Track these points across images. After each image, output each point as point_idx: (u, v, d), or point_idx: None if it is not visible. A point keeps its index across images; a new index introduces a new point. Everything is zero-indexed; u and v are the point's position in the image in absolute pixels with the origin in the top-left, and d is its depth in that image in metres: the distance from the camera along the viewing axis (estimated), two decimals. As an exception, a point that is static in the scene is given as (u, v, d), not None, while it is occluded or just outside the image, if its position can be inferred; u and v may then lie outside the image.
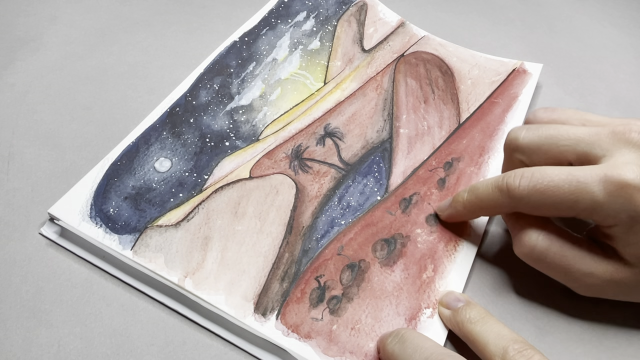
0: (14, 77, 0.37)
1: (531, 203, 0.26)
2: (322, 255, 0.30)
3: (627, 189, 0.24)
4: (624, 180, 0.24)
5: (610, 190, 0.24)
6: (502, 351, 0.24)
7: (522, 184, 0.26)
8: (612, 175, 0.24)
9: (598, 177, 0.25)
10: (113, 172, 0.32)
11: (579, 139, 0.27)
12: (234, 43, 0.40)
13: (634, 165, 0.24)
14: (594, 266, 0.26)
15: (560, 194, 0.25)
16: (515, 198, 0.27)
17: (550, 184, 0.25)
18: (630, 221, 0.25)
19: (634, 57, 0.43)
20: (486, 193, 0.28)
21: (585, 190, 0.25)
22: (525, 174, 0.26)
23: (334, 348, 0.27)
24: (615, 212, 0.25)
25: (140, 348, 0.27)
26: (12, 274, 0.29)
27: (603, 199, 0.24)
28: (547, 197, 0.26)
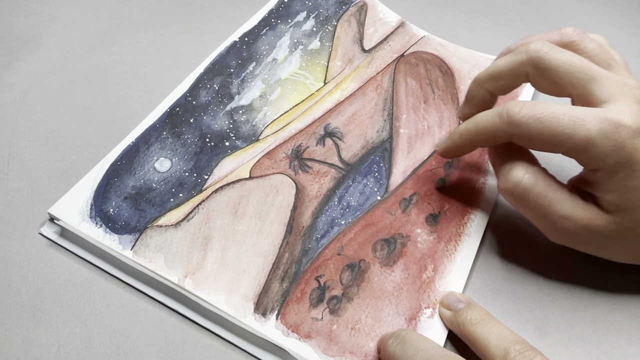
0: (14, 77, 0.37)
1: (528, 131, 0.26)
2: (322, 255, 0.30)
3: (621, 131, 0.25)
4: (620, 122, 0.25)
5: (605, 130, 0.25)
6: (503, 352, 0.24)
7: (522, 111, 0.26)
8: (611, 117, 0.25)
9: (597, 116, 0.25)
10: (113, 172, 0.32)
11: (595, 77, 0.27)
12: (234, 43, 0.40)
13: (634, 113, 0.25)
14: (573, 209, 0.27)
15: (558, 125, 0.26)
16: (513, 124, 0.27)
17: (550, 115, 0.26)
18: (616, 166, 0.25)
19: (634, 57, 0.43)
20: (485, 119, 0.28)
21: (582, 125, 0.25)
22: (528, 104, 0.27)
23: (334, 348, 0.27)
24: (604, 154, 0.25)
25: (140, 348, 0.27)
26: (12, 274, 0.29)
27: (597, 137, 0.25)
28: (545, 126, 0.26)
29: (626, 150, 0.25)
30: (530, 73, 0.29)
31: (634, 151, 0.25)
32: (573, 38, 0.30)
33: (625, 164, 0.25)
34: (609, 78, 0.27)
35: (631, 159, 0.25)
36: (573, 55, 0.28)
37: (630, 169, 0.25)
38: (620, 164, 0.25)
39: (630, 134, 0.25)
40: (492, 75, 0.30)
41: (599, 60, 0.29)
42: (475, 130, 0.29)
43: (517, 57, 0.29)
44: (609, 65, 0.29)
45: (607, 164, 0.25)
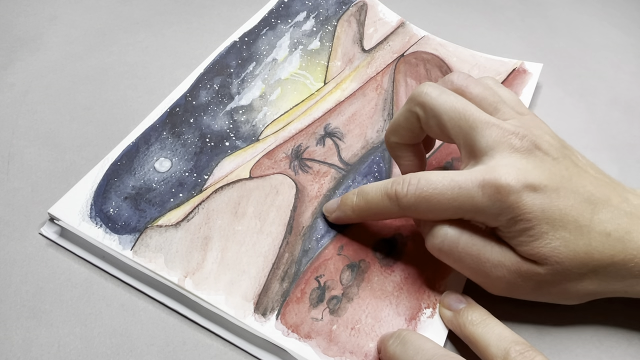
0: (14, 77, 0.37)
1: (419, 210, 0.27)
2: (322, 255, 0.30)
3: (503, 192, 0.25)
4: (499, 184, 0.25)
5: (488, 193, 0.25)
6: (503, 353, 0.24)
7: (409, 192, 0.26)
8: (489, 179, 0.25)
9: (477, 182, 0.25)
10: (113, 172, 0.32)
11: (475, 125, 0.27)
12: (234, 43, 0.40)
13: (510, 168, 0.25)
14: (502, 256, 0.26)
15: (444, 200, 0.26)
16: (403, 206, 0.27)
17: (434, 192, 0.26)
18: (511, 222, 0.25)
19: (634, 57, 0.43)
20: (376, 199, 0.28)
21: (466, 195, 0.25)
22: (412, 181, 0.27)
23: (334, 348, 0.27)
24: (495, 215, 0.25)
25: (140, 348, 0.27)
26: (12, 274, 0.29)
27: (483, 202, 0.25)
28: (433, 204, 0.26)
29: (512, 208, 0.25)
30: (420, 117, 0.29)
31: (521, 206, 0.25)
32: (458, 84, 0.29)
33: (517, 219, 0.25)
34: (490, 126, 0.26)
35: (520, 214, 0.25)
36: (457, 101, 0.27)
37: (525, 220, 0.25)
38: (512, 220, 0.25)
39: (511, 191, 0.25)
40: (391, 127, 0.30)
41: (485, 104, 0.28)
42: (368, 208, 0.29)
43: (408, 104, 0.29)
44: (495, 108, 0.28)
45: (502, 222, 0.25)
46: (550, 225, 0.25)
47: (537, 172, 0.25)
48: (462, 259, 0.27)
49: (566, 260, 0.25)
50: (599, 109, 0.39)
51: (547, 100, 0.39)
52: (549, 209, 0.25)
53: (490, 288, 0.28)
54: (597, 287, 0.27)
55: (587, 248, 0.25)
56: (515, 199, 0.25)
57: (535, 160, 0.26)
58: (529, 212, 0.25)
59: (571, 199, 0.25)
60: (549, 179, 0.25)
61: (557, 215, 0.25)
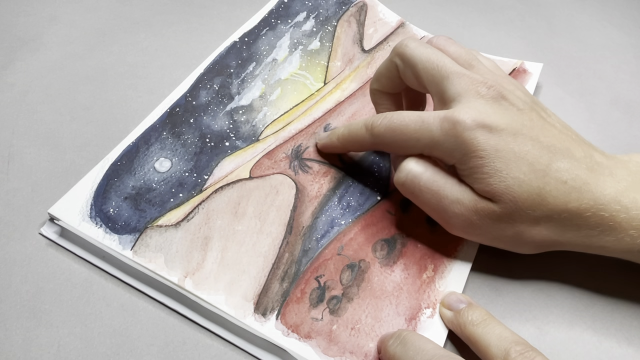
0: (14, 77, 0.37)
1: (385, 140, 0.29)
2: (322, 255, 0.30)
3: (458, 128, 0.27)
4: (457, 120, 0.27)
5: (445, 128, 0.27)
6: (504, 353, 0.24)
7: (381, 123, 0.29)
8: (449, 116, 0.27)
9: (439, 118, 0.27)
10: (113, 172, 0.32)
11: (446, 74, 0.29)
12: (234, 43, 0.40)
13: (471, 109, 0.27)
14: (461, 193, 0.28)
15: (408, 132, 0.28)
16: (374, 135, 0.30)
17: (401, 124, 0.28)
18: (465, 159, 0.27)
19: (634, 57, 0.43)
20: (356, 129, 0.31)
21: (427, 129, 0.28)
22: (387, 116, 0.29)
23: (334, 348, 0.27)
24: (451, 150, 0.27)
25: (140, 348, 0.27)
26: (12, 274, 0.29)
27: (439, 136, 0.27)
28: (398, 134, 0.29)
29: (466, 143, 0.26)
30: (399, 66, 0.30)
31: (475, 142, 0.26)
32: (438, 43, 0.31)
33: (471, 154, 0.27)
34: (461, 76, 0.28)
35: (474, 150, 0.26)
36: (433, 53, 0.29)
37: (478, 157, 0.26)
38: (466, 156, 0.27)
39: (466, 127, 0.26)
40: (374, 76, 0.33)
41: (461, 60, 0.30)
42: (348, 136, 0.32)
43: (390, 55, 0.31)
44: (470, 64, 0.30)
45: (457, 158, 0.27)
46: (504, 164, 0.26)
47: (496, 117, 0.27)
48: (423, 194, 0.29)
49: (519, 200, 0.26)
50: (599, 109, 0.39)
51: (547, 100, 0.40)
52: (503, 149, 0.26)
53: (449, 226, 0.29)
54: (551, 234, 0.27)
55: (541, 191, 0.26)
56: (469, 135, 0.26)
57: (499, 107, 0.28)
58: (482, 150, 0.26)
59: (528, 145, 0.27)
60: (507, 124, 0.27)
61: (512, 157, 0.26)
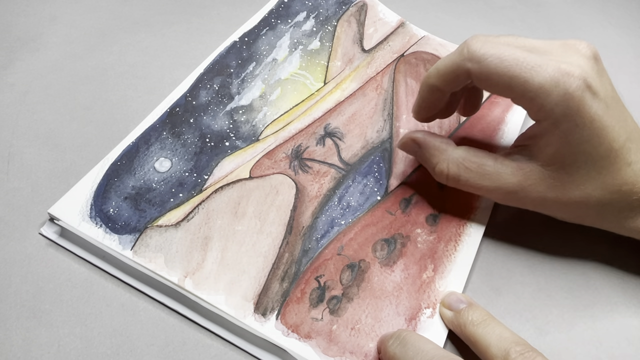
0: (14, 77, 0.37)
1: (487, 69, 0.27)
2: (322, 255, 0.30)
3: (572, 82, 0.26)
4: (570, 73, 0.26)
5: (557, 79, 0.26)
6: (504, 353, 0.24)
7: (484, 48, 0.27)
8: (564, 67, 0.26)
9: (553, 65, 0.26)
10: (113, 172, 0.32)
11: (535, 46, 0.28)
12: (234, 43, 0.40)
13: (582, 67, 0.26)
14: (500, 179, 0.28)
15: (517, 67, 0.26)
16: (474, 59, 0.27)
17: (511, 56, 0.27)
18: (561, 118, 0.26)
19: (634, 57, 0.43)
20: (446, 59, 0.29)
21: (539, 71, 0.26)
22: (490, 41, 0.27)
23: (334, 348, 0.27)
24: (553, 104, 0.26)
25: (140, 348, 0.27)
26: (12, 274, 0.29)
27: (549, 85, 0.26)
28: (504, 66, 0.27)
29: (573, 101, 0.26)
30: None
31: (580, 103, 0.26)
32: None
33: (570, 116, 0.26)
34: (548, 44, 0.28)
35: (576, 111, 0.26)
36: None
37: (574, 123, 0.26)
38: (565, 116, 0.26)
39: (579, 86, 0.26)
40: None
41: None
42: (437, 72, 0.29)
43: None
44: None
45: (554, 114, 0.26)
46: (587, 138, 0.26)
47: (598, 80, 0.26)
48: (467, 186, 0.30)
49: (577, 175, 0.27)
50: (599, 109, 0.39)
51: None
52: (596, 120, 0.26)
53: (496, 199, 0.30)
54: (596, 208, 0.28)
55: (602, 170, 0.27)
56: (579, 94, 0.26)
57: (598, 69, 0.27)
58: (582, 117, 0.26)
59: (614, 121, 0.26)
60: (605, 92, 0.27)
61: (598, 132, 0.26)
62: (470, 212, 0.32)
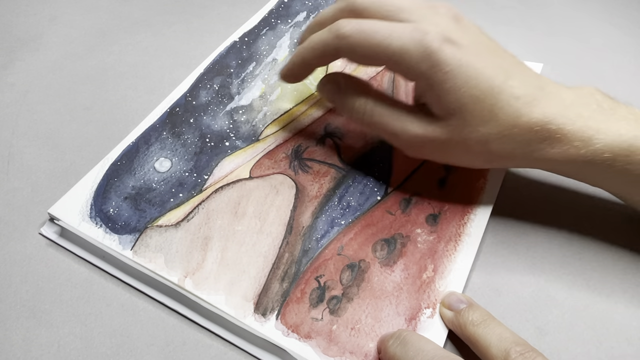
0: (14, 77, 0.37)
1: (352, 43, 0.28)
2: (322, 255, 0.30)
3: (428, 37, 0.27)
4: (427, 30, 0.27)
5: (415, 37, 0.27)
6: (504, 353, 0.24)
7: (349, 25, 0.29)
8: (421, 27, 0.28)
9: (410, 28, 0.28)
10: (113, 172, 0.32)
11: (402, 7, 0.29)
12: (234, 43, 0.40)
13: (438, 25, 0.28)
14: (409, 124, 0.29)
15: (377, 36, 0.28)
16: (340, 37, 0.29)
17: (371, 27, 0.28)
18: (429, 71, 0.27)
19: (634, 57, 0.43)
20: (318, 35, 0.30)
21: (397, 36, 0.28)
22: (354, 20, 0.29)
23: (334, 348, 0.27)
24: (417, 61, 0.27)
25: (140, 348, 0.27)
26: (12, 274, 0.29)
27: (409, 44, 0.27)
28: (366, 38, 0.28)
29: (434, 54, 0.27)
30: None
31: (442, 54, 0.27)
32: None
33: (436, 67, 0.27)
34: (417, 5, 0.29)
35: (440, 61, 0.27)
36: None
37: (442, 72, 0.27)
38: (432, 68, 0.27)
39: (436, 38, 0.27)
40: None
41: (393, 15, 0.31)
42: (309, 46, 0.30)
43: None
44: None
45: (421, 71, 0.27)
46: (464, 80, 0.27)
47: (459, 33, 0.28)
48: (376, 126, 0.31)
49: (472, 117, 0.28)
50: (599, 109, 0.39)
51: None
52: (466, 64, 0.27)
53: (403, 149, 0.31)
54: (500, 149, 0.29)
55: (493, 107, 0.27)
56: (438, 46, 0.27)
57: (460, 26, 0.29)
58: (447, 64, 0.27)
59: (489, 62, 0.28)
60: (470, 41, 0.28)
61: (472, 73, 0.27)
62: (470, 212, 0.32)
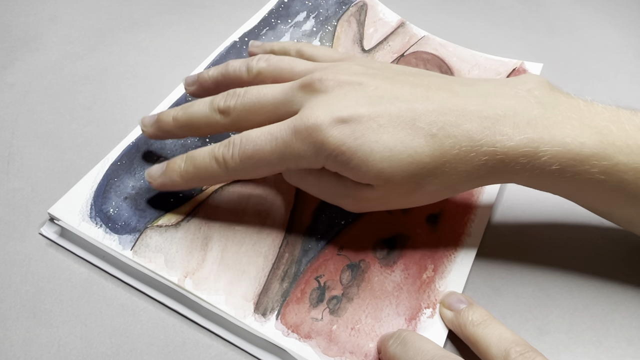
0: (14, 77, 0.37)
1: (246, 169, 0.28)
2: (322, 255, 0.30)
3: (313, 133, 0.25)
4: (306, 125, 0.26)
5: (301, 138, 0.26)
6: (504, 353, 0.24)
7: (234, 153, 0.27)
8: (299, 124, 0.26)
9: (290, 130, 0.26)
10: (113, 172, 0.32)
11: (277, 101, 0.28)
12: (234, 43, 0.40)
13: (315, 109, 0.26)
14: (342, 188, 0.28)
15: (266, 153, 0.27)
16: (230, 168, 0.28)
17: (256, 147, 0.27)
18: (329, 159, 0.26)
19: (634, 57, 0.43)
20: (204, 164, 0.28)
21: (284, 145, 0.26)
22: (236, 142, 0.27)
23: (334, 348, 0.27)
24: (314, 157, 0.26)
25: (140, 348, 0.27)
26: (12, 274, 0.29)
27: (300, 148, 0.26)
28: (257, 159, 0.27)
29: (325, 145, 0.25)
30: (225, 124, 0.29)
31: (332, 140, 0.25)
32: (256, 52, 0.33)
33: (333, 154, 0.26)
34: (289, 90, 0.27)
35: (333, 148, 0.25)
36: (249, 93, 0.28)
37: (340, 154, 0.25)
38: (330, 157, 0.26)
39: (320, 129, 0.25)
40: None
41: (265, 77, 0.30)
42: (197, 172, 0.29)
43: None
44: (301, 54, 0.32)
45: (322, 161, 0.26)
46: (367, 149, 0.25)
47: (342, 104, 0.26)
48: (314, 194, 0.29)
49: (396, 178, 0.26)
50: (599, 109, 0.39)
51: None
52: (361, 134, 0.25)
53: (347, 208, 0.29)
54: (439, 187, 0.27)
55: (414, 158, 0.25)
56: (325, 135, 0.25)
57: (344, 93, 0.26)
58: (341, 145, 0.25)
59: (385, 115, 0.26)
60: (357, 108, 0.26)
61: (373, 137, 0.25)
62: (470, 212, 0.32)
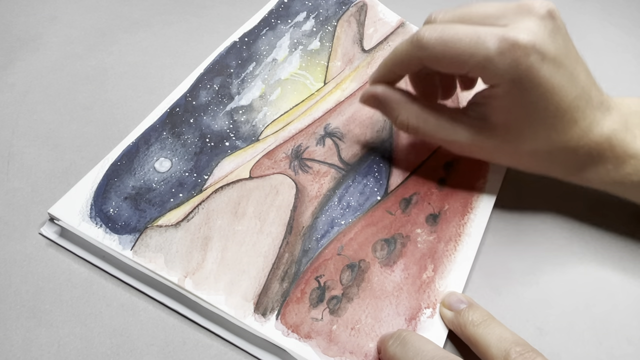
0: (14, 77, 0.37)
1: (435, 53, 0.28)
2: (322, 255, 0.30)
3: (518, 49, 0.26)
4: (516, 40, 0.26)
5: (502, 47, 0.26)
6: (504, 354, 0.24)
7: (429, 34, 0.28)
8: (508, 35, 0.26)
9: (496, 36, 0.26)
10: (113, 172, 0.32)
11: (488, 14, 0.28)
12: (234, 43, 0.40)
13: (530, 31, 0.26)
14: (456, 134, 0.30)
15: (460, 45, 0.27)
16: (422, 47, 0.28)
17: (454, 36, 0.27)
18: (511, 84, 0.27)
19: (634, 57, 0.43)
20: (400, 46, 0.30)
21: (482, 45, 0.26)
22: (437, 27, 0.28)
23: (334, 348, 0.27)
24: (502, 71, 0.26)
25: (140, 348, 0.27)
26: (12, 274, 0.29)
27: (495, 54, 0.26)
28: (449, 48, 0.27)
29: (521, 68, 0.26)
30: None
31: (528, 70, 0.26)
32: None
33: (519, 82, 0.26)
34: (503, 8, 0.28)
35: (525, 77, 0.26)
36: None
37: (523, 87, 0.27)
38: (515, 82, 0.27)
39: (525, 53, 0.26)
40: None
41: None
42: (394, 57, 0.30)
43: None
44: None
45: (504, 81, 0.27)
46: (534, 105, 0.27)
47: (549, 41, 0.27)
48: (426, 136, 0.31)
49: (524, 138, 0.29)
50: (599, 109, 0.39)
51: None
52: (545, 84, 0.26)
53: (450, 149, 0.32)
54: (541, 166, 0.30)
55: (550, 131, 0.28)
56: (527, 60, 0.26)
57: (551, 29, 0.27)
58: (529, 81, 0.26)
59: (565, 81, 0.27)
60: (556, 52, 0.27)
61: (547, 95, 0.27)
62: (470, 212, 0.32)
